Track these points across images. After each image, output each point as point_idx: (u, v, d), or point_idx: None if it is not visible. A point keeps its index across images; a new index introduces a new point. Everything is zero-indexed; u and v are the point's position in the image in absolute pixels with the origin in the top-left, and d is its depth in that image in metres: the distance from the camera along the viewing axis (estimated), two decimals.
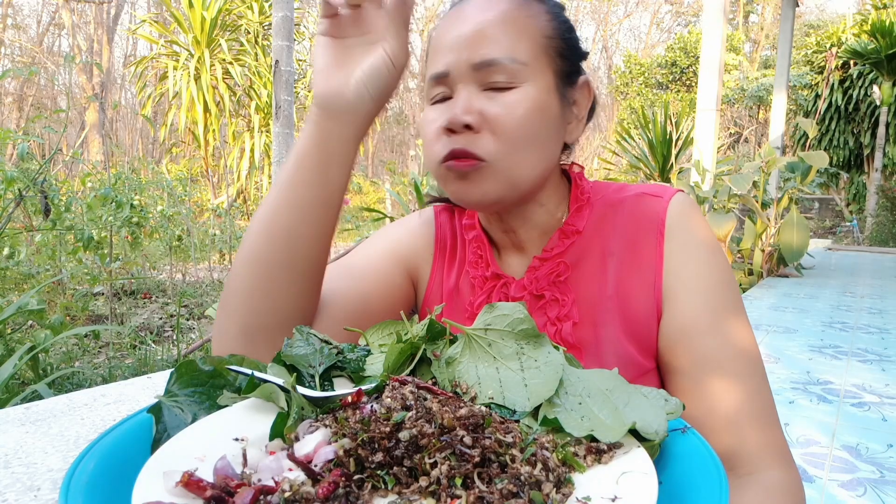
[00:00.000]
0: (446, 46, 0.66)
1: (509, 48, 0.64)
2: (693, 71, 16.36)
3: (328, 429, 0.43)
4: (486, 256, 0.75)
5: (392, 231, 0.84)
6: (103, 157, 9.43)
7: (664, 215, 0.69)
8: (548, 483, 0.37)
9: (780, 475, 0.59)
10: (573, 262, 0.71)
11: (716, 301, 0.65)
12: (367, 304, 0.73)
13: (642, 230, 0.70)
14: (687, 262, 0.67)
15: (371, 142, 16.92)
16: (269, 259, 0.63)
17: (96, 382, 2.60)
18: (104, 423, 0.77)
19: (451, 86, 0.66)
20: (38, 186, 2.90)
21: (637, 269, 0.69)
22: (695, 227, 0.69)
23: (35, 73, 3.26)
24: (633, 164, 7.86)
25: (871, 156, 13.34)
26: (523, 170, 0.66)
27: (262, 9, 9.02)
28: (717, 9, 5.02)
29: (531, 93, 0.65)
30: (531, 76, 0.65)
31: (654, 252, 0.68)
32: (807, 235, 5.82)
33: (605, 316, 0.68)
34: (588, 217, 0.73)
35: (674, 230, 0.69)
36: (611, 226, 0.72)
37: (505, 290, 0.73)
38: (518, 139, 0.64)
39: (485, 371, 0.50)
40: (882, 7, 13.05)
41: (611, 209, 0.73)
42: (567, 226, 0.72)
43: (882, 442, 2.26)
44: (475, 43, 0.64)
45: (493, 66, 0.64)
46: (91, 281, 3.77)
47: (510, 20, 0.66)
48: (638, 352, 0.67)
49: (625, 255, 0.70)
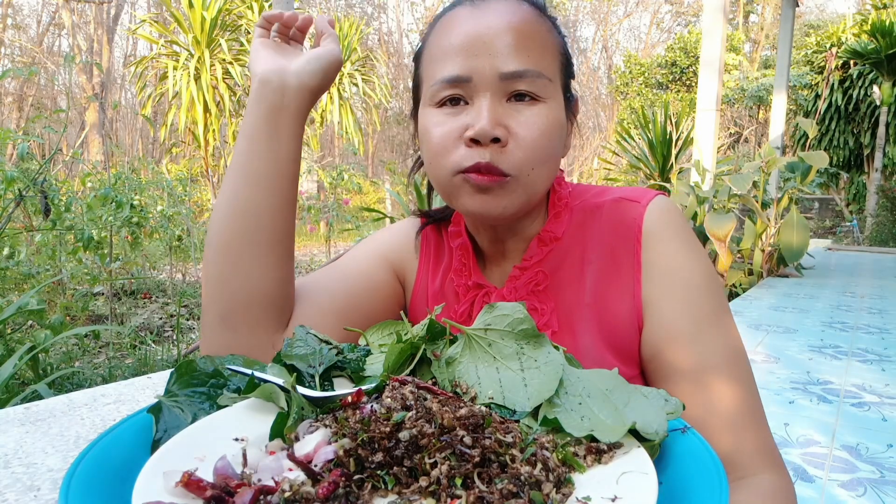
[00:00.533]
0: (463, 49, 0.63)
1: (537, 61, 0.63)
2: (693, 71, 16.36)
3: (328, 429, 0.43)
4: (470, 265, 0.75)
5: (379, 235, 0.85)
6: (103, 157, 9.44)
7: (641, 221, 0.68)
8: (548, 483, 0.37)
9: (773, 479, 0.59)
10: (552, 270, 0.70)
11: (698, 306, 0.64)
12: (351, 298, 0.74)
13: (619, 237, 0.68)
14: (666, 268, 0.66)
15: (371, 142, 16.92)
16: (235, 239, 0.65)
17: (96, 382, 2.60)
18: (104, 423, 0.77)
19: (472, 92, 0.63)
20: (38, 186, 2.90)
21: (615, 276, 0.68)
22: (673, 232, 0.68)
23: (35, 73, 3.26)
24: (633, 164, 7.85)
25: (871, 156, 13.34)
26: (540, 185, 0.66)
27: (262, 9, 9.02)
28: (717, 9, 5.02)
29: (552, 109, 0.64)
30: (553, 92, 0.65)
31: (632, 259, 0.67)
32: (807, 235, 5.81)
33: (582, 324, 0.68)
34: (567, 223, 0.72)
35: (651, 236, 0.67)
36: (589, 232, 0.71)
37: (486, 299, 0.73)
38: (540, 156, 0.64)
39: (485, 371, 0.50)
40: (882, 7, 13.04)
41: (589, 215, 0.72)
42: (545, 233, 0.71)
43: (882, 442, 2.26)
44: (502, 51, 0.62)
45: (522, 78, 0.62)
46: (91, 281, 3.77)
47: (536, 32, 0.64)
48: (618, 360, 0.66)
49: (602, 263, 0.69)
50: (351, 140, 10.22)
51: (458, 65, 0.63)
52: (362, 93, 10.32)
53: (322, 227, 7.22)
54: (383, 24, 25.24)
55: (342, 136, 10.54)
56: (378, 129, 12.47)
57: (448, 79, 0.63)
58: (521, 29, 0.63)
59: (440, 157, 0.65)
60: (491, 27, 0.63)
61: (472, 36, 0.63)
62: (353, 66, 10.33)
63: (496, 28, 0.63)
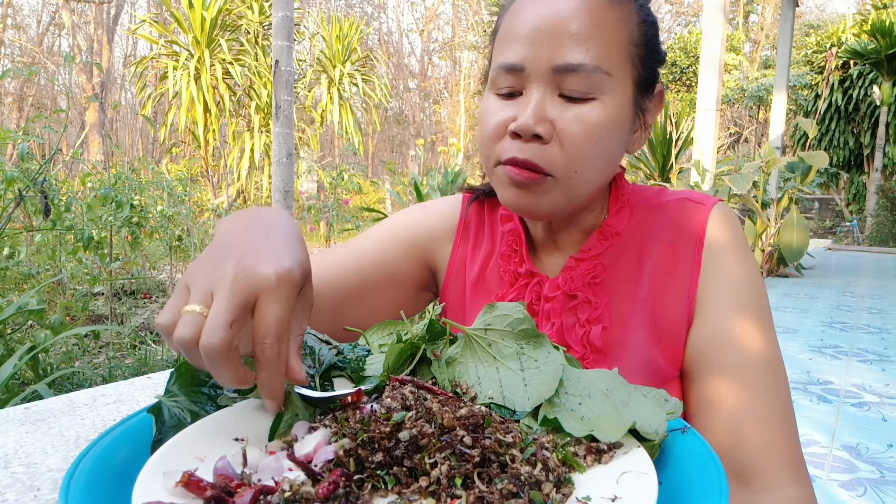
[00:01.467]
0: (524, 36, 0.60)
1: (597, 55, 0.59)
2: (693, 71, 16.35)
3: (328, 429, 0.43)
4: (522, 252, 0.73)
5: (410, 213, 0.82)
6: (103, 157, 9.43)
7: (705, 223, 0.68)
8: (548, 483, 0.37)
9: (798, 493, 0.58)
10: (609, 264, 0.70)
11: (748, 312, 0.64)
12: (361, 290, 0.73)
13: (682, 237, 0.68)
14: (723, 272, 0.66)
15: (371, 142, 16.92)
16: None
17: (96, 382, 2.60)
18: (104, 423, 0.77)
19: (524, 82, 0.61)
20: (38, 186, 2.90)
21: (673, 275, 0.67)
22: (734, 240, 0.68)
23: (35, 73, 3.26)
24: (633, 163, 7.85)
25: (871, 156, 13.34)
26: (586, 187, 0.64)
27: (262, 9, 9.02)
28: (717, 9, 5.02)
29: (609, 106, 0.61)
30: (612, 88, 0.61)
31: (692, 260, 0.67)
32: (807, 235, 5.81)
33: (635, 319, 0.67)
34: (628, 219, 0.71)
35: (713, 240, 0.67)
36: (650, 230, 0.70)
37: (538, 288, 0.71)
38: (586, 157, 0.61)
39: (485, 371, 0.50)
40: (882, 7, 13.04)
41: (651, 213, 0.71)
42: (606, 227, 0.70)
43: (882, 442, 2.26)
44: (560, 41, 0.59)
45: (576, 72, 0.59)
46: (91, 281, 3.77)
47: (601, 22, 0.60)
48: (663, 359, 0.66)
49: (661, 261, 0.68)
50: (351, 140, 10.22)
51: (516, 52, 0.61)
52: (362, 93, 10.32)
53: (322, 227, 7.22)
54: (383, 24, 25.25)
55: (342, 136, 10.54)
56: (378, 129, 12.47)
57: (505, 65, 0.62)
58: (584, 18, 0.59)
59: (487, 145, 0.64)
60: (556, 14, 0.60)
61: (535, 22, 0.60)
62: (353, 66, 10.32)
63: (561, 14, 0.60)
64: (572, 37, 0.59)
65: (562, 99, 0.61)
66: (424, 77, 24.65)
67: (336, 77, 9.99)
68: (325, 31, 10.19)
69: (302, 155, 9.78)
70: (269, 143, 8.70)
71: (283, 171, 2.81)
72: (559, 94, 0.61)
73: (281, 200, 2.81)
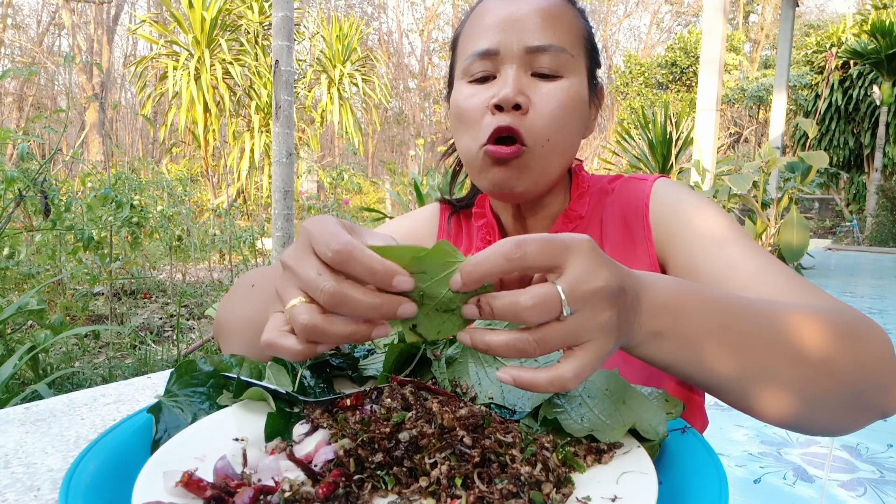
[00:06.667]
0: (495, 25, 0.68)
1: (562, 38, 0.68)
2: (693, 71, 16.35)
3: (328, 429, 0.43)
4: (495, 240, 0.77)
5: (396, 221, 0.89)
6: (103, 157, 9.44)
7: (649, 192, 0.73)
8: (548, 483, 0.37)
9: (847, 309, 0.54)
10: None
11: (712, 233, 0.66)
12: None
13: (631, 212, 0.74)
14: (675, 223, 0.70)
15: (371, 142, 16.92)
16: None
17: (96, 382, 2.60)
18: (104, 423, 0.77)
19: (498, 65, 0.68)
20: (38, 186, 2.89)
21: (632, 250, 0.72)
22: (677, 195, 0.72)
23: (35, 73, 3.26)
24: (633, 164, 7.85)
25: (871, 156, 13.34)
26: (554, 158, 0.69)
27: (262, 9, 9.02)
28: (717, 8, 5.02)
29: (574, 84, 0.69)
30: (575, 69, 0.69)
31: (643, 224, 0.72)
32: (807, 235, 5.81)
33: None
34: (588, 204, 0.77)
35: (658, 202, 0.72)
36: (604, 211, 0.76)
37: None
38: (555, 126, 0.67)
39: (485, 371, 0.50)
40: (882, 7, 13.04)
41: (605, 197, 0.77)
42: (570, 211, 0.76)
43: (882, 442, 2.26)
44: (531, 26, 0.67)
45: (546, 52, 0.67)
46: (91, 281, 3.77)
47: (561, 13, 0.70)
48: None
49: (618, 237, 0.73)
50: (351, 140, 10.22)
51: (489, 39, 0.68)
52: (362, 93, 10.32)
53: None
54: (383, 24, 25.25)
55: (342, 136, 10.53)
56: (378, 129, 12.47)
57: (478, 52, 0.69)
58: (549, 11, 0.69)
59: (469, 128, 0.69)
60: (521, 9, 0.69)
61: (502, 16, 0.69)
62: (353, 66, 10.32)
63: (525, 10, 0.68)
64: (540, 23, 0.68)
65: (534, 77, 0.68)
66: (424, 77, 24.64)
67: (336, 77, 9.98)
68: (325, 31, 10.18)
69: (302, 155, 9.77)
70: (269, 143, 8.70)
71: (283, 171, 2.81)
72: (532, 74, 0.68)
73: (281, 200, 2.81)
